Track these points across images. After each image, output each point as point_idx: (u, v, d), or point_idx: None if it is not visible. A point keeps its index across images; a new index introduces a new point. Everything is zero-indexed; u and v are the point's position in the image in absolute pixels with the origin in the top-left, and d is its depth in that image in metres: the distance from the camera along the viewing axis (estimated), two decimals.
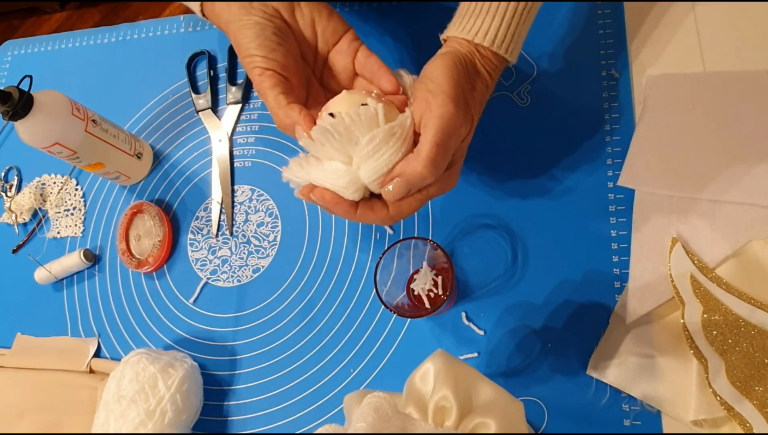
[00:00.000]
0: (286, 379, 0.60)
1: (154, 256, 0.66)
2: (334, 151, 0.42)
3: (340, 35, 0.49)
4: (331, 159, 0.43)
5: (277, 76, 0.45)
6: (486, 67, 0.48)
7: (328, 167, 0.43)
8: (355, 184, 0.42)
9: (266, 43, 0.45)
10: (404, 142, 0.42)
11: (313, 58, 0.50)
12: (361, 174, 0.42)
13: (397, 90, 0.46)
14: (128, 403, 0.54)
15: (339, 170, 0.42)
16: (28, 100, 0.59)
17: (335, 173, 0.42)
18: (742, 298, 0.49)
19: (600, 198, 0.57)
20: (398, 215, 0.44)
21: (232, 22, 0.47)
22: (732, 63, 0.57)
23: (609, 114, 0.59)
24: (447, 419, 0.38)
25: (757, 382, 0.47)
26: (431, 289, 0.55)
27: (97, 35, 0.83)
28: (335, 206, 0.43)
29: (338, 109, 0.43)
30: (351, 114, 0.41)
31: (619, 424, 0.50)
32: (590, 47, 0.62)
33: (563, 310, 0.54)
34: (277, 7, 0.47)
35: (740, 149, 0.54)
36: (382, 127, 0.41)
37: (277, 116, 0.45)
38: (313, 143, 0.43)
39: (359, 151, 0.41)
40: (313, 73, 0.50)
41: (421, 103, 0.43)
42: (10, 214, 0.75)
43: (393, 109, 0.44)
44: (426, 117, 0.42)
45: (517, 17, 0.47)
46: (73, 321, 0.69)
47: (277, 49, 0.45)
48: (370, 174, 0.42)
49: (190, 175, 0.71)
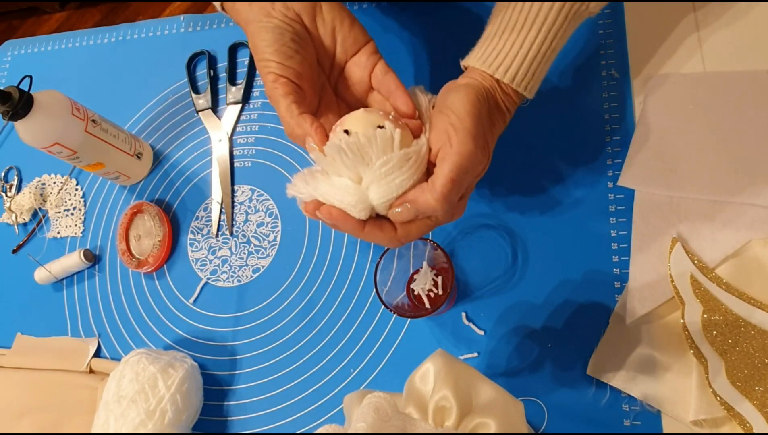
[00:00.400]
0: (286, 379, 0.60)
1: (154, 256, 0.66)
2: (344, 168, 0.42)
3: (360, 46, 0.48)
4: (340, 175, 0.43)
5: (291, 84, 0.44)
6: (506, 103, 0.47)
7: (337, 183, 0.42)
8: (363, 202, 0.42)
9: (283, 49, 0.44)
10: (417, 169, 0.42)
11: (330, 66, 0.49)
12: (370, 194, 0.42)
13: (413, 114, 0.45)
14: (128, 403, 0.54)
15: (348, 187, 0.42)
16: (28, 100, 0.59)
17: (344, 190, 0.42)
18: (742, 298, 0.49)
19: (600, 198, 0.57)
20: (406, 238, 0.43)
21: (251, 22, 0.46)
22: (732, 63, 0.57)
23: (609, 114, 0.59)
24: (447, 419, 0.38)
25: (757, 382, 0.47)
26: (431, 289, 0.55)
27: (97, 35, 0.83)
28: (343, 222, 0.42)
29: (354, 127, 0.42)
30: (368, 135, 0.41)
31: (619, 424, 0.50)
32: (590, 47, 0.62)
33: (563, 310, 0.54)
34: (298, 11, 0.46)
35: (740, 149, 0.54)
36: (397, 151, 0.41)
37: (288, 125, 0.44)
38: (324, 158, 0.42)
39: (371, 172, 0.41)
40: (328, 80, 0.49)
41: (441, 134, 0.43)
42: (10, 214, 0.75)
43: (408, 134, 0.43)
44: (445, 150, 0.42)
45: (540, 56, 0.46)
46: (73, 321, 0.69)
47: (294, 57, 0.44)
48: (380, 195, 0.41)
49: (190, 175, 0.71)
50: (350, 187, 0.42)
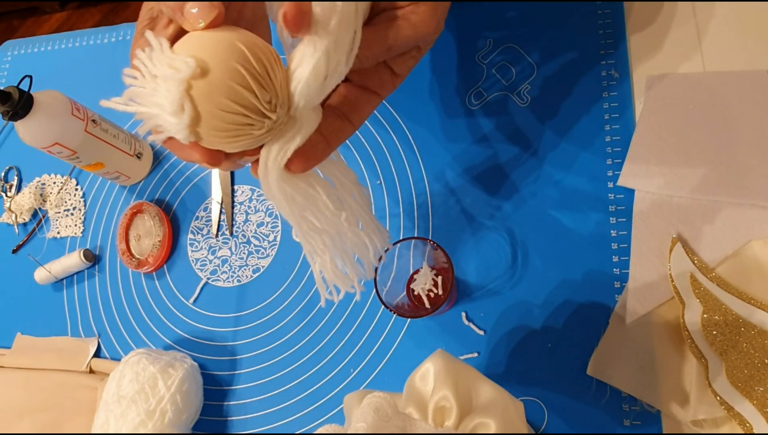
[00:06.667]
0: (286, 379, 0.60)
1: (154, 256, 0.66)
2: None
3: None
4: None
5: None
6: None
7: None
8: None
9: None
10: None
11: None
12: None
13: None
14: (128, 403, 0.54)
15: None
16: (28, 100, 0.59)
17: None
18: (742, 298, 0.49)
19: (600, 198, 0.57)
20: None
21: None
22: (732, 63, 0.57)
23: (609, 114, 0.59)
24: (447, 419, 0.38)
25: (757, 382, 0.47)
26: (431, 289, 0.55)
27: (97, 35, 0.83)
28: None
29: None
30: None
31: (619, 424, 0.50)
32: (590, 47, 0.62)
33: (563, 310, 0.54)
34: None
35: (740, 149, 0.54)
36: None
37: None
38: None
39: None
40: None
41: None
42: (10, 214, 0.75)
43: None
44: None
45: None
46: (73, 321, 0.69)
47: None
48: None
49: (190, 175, 0.71)
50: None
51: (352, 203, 0.39)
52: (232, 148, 0.33)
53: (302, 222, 0.38)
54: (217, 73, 0.30)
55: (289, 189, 0.35)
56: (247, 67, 0.30)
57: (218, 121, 0.31)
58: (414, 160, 0.63)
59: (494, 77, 0.63)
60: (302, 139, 0.34)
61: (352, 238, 0.40)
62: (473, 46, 0.65)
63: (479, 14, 0.66)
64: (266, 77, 0.31)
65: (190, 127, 0.31)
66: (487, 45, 0.65)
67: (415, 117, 0.65)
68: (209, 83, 0.30)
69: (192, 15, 0.31)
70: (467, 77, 0.64)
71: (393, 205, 0.63)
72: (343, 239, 0.40)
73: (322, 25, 0.31)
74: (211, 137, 0.31)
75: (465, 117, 0.63)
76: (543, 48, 0.63)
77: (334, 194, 0.38)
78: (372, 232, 0.41)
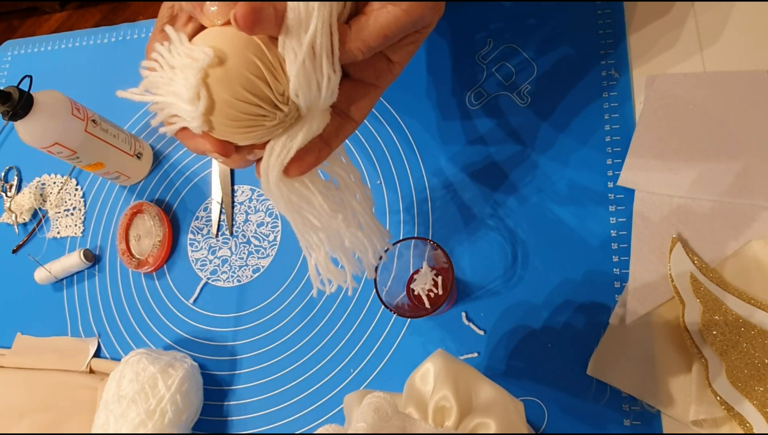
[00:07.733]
0: (286, 379, 0.60)
1: (154, 256, 0.66)
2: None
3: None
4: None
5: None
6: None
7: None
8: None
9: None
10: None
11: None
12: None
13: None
14: (128, 403, 0.54)
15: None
16: (28, 100, 0.59)
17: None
18: (742, 298, 0.49)
19: (600, 198, 0.57)
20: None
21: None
22: (732, 63, 0.57)
23: (609, 114, 0.59)
24: (447, 419, 0.38)
25: (757, 382, 0.47)
26: (431, 289, 0.55)
27: (97, 35, 0.83)
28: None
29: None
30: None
31: (619, 424, 0.50)
32: (590, 47, 0.62)
33: (563, 310, 0.54)
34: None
35: (740, 149, 0.54)
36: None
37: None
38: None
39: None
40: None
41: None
42: (10, 214, 0.75)
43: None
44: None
45: None
46: (73, 321, 0.69)
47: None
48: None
49: (190, 175, 0.71)
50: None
51: (355, 205, 0.40)
52: (242, 140, 0.33)
53: (297, 218, 0.38)
54: (234, 63, 0.31)
55: (286, 189, 0.36)
56: (262, 59, 0.31)
57: (232, 110, 0.31)
58: (414, 160, 0.63)
59: (494, 77, 0.63)
60: (305, 136, 0.34)
61: (350, 237, 0.40)
62: (473, 46, 0.65)
63: (479, 14, 0.66)
64: (280, 70, 0.32)
65: (205, 115, 0.31)
66: (487, 45, 0.65)
67: (416, 117, 0.65)
68: (226, 72, 0.31)
69: (211, 12, 0.32)
70: (467, 77, 0.64)
71: (393, 204, 0.63)
72: (340, 237, 0.40)
73: (294, 32, 0.31)
74: (223, 126, 0.32)
75: (465, 117, 0.63)
76: (543, 48, 0.63)
77: (332, 196, 0.38)
78: (372, 233, 0.42)
